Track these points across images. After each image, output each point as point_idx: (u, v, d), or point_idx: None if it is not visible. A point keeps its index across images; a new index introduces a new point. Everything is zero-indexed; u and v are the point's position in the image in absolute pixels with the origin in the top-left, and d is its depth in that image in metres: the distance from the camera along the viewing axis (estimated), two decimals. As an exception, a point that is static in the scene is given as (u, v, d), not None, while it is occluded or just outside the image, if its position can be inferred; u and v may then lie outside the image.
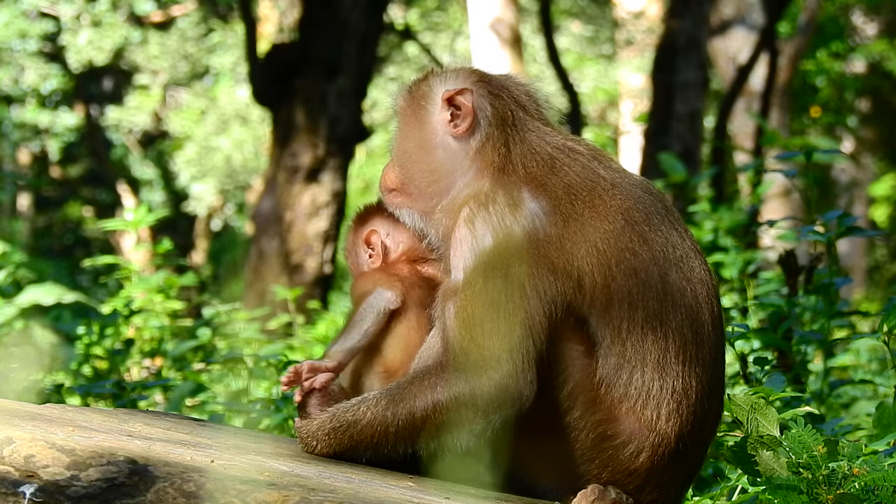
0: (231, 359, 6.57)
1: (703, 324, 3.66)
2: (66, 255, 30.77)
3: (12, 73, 28.35)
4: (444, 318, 3.61)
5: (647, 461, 3.61)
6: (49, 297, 10.86)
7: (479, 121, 3.79)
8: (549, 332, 3.56)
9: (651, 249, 3.65)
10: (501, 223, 3.61)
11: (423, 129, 3.84)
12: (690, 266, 3.69)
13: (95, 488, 3.02)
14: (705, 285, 3.70)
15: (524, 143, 3.76)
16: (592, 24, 28.27)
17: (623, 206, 3.67)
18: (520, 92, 3.87)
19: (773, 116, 18.88)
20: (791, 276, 5.92)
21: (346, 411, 3.68)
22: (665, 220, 3.71)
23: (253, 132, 28.45)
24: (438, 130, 3.82)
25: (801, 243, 11.82)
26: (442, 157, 3.81)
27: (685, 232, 3.74)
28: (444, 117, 3.81)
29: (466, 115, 3.79)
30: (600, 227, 3.63)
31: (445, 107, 3.81)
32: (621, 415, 3.60)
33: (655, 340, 3.60)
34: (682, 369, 3.61)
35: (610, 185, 3.69)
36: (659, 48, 15.87)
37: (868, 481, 3.43)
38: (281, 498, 3.02)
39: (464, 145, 3.79)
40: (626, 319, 3.59)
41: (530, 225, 3.61)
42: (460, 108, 3.79)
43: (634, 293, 3.60)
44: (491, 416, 3.53)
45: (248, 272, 13.54)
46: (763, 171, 10.14)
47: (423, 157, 3.83)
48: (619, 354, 3.59)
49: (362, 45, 13.56)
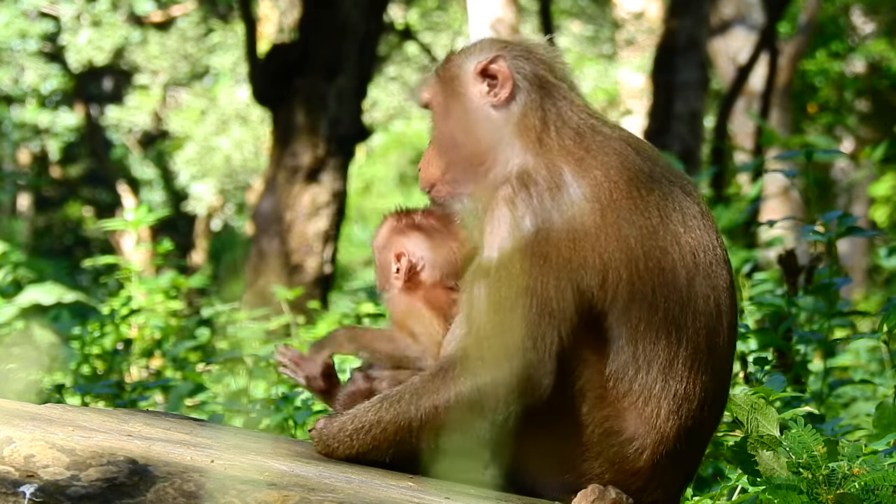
0: (231, 359, 6.57)
1: (719, 334, 3.62)
2: (66, 255, 30.76)
3: (12, 73, 28.36)
4: (472, 298, 3.54)
5: (650, 459, 3.60)
6: (49, 297, 10.86)
7: (517, 85, 3.69)
8: (574, 324, 3.50)
9: (682, 251, 3.59)
10: (542, 207, 3.52)
11: (461, 109, 3.73)
12: (717, 273, 3.63)
13: (95, 488, 3.02)
14: (728, 295, 3.65)
15: (559, 110, 3.67)
16: (592, 24, 28.27)
17: (660, 203, 3.59)
18: (546, 55, 3.77)
19: (773, 116, 18.88)
20: (791, 276, 5.92)
21: (367, 411, 3.61)
22: (701, 223, 3.64)
23: (253, 132, 28.46)
24: (477, 105, 3.71)
25: (800, 243, 11.82)
26: (485, 132, 3.69)
27: (717, 238, 3.67)
28: (480, 90, 3.71)
29: (505, 81, 3.69)
30: (636, 221, 3.56)
31: (480, 79, 3.71)
32: (625, 410, 3.58)
33: (668, 345, 3.55)
34: (689, 375, 3.57)
35: (648, 177, 3.61)
36: (659, 48, 15.88)
37: (868, 481, 3.43)
38: (281, 498, 3.02)
39: (505, 113, 3.68)
40: (643, 320, 3.54)
41: (570, 213, 3.53)
42: (496, 76, 3.69)
43: (658, 294, 3.55)
44: (511, 405, 3.49)
45: (248, 272, 13.54)
46: (763, 170, 10.15)
47: (467, 137, 3.72)
48: (630, 353, 3.55)
49: (362, 45, 13.56)
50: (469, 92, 3.73)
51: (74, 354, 7.95)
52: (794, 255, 5.98)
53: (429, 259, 3.91)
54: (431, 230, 3.93)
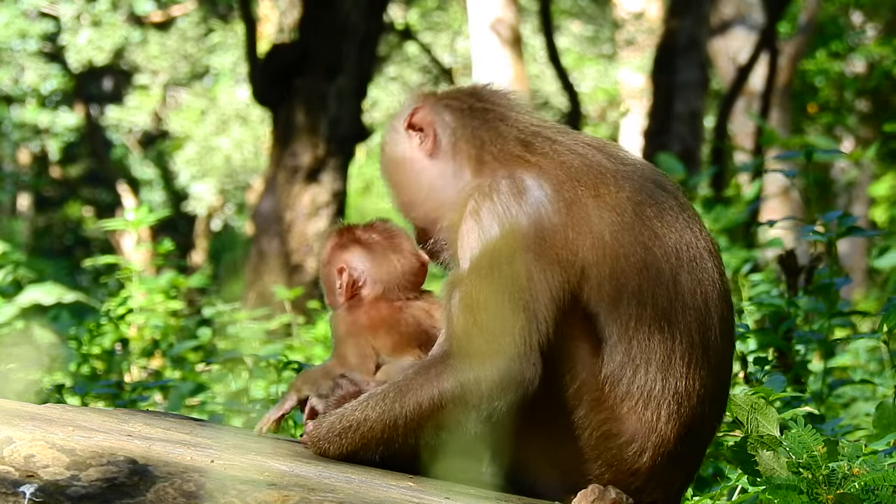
0: (231, 359, 6.57)
1: (710, 327, 3.63)
2: (66, 255, 30.78)
3: (12, 73, 28.37)
4: (450, 307, 3.59)
5: (650, 461, 3.60)
6: (49, 297, 10.86)
7: (441, 128, 3.77)
8: (555, 319, 3.53)
9: (663, 246, 3.60)
10: (507, 212, 3.58)
11: (404, 168, 3.82)
12: (703, 267, 3.64)
13: (95, 488, 3.02)
14: (717, 288, 3.66)
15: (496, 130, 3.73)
16: (592, 24, 28.27)
17: (633, 199, 3.62)
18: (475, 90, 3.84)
19: (773, 116, 18.88)
20: (791, 276, 5.92)
21: (354, 410, 3.67)
22: (679, 218, 3.66)
23: (253, 132, 28.47)
24: (417, 160, 3.79)
25: (800, 243, 11.83)
26: (433, 182, 3.77)
27: (700, 231, 3.69)
28: (414, 144, 3.79)
29: (428, 128, 3.77)
30: (607, 217, 3.59)
31: (410, 134, 3.80)
32: (623, 413, 3.58)
33: (662, 340, 3.56)
34: (687, 371, 3.59)
35: (616, 176, 3.64)
36: (659, 48, 15.89)
37: (868, 481, 3.43)
38: (281, 498, 3.02)
39: (443, 158, 3.77)
40: (634, 316, 3.56)
41: (535, 213, 3.57)
42: (422, 127, 3.78)
43: (644, 290, 3.56)
44: (496, 401, 3.50)
45: (248, 272, 13.55)
46: (763, 170, 10.15)
47: (421, 193, 3.80)
48: (624, 352, 3.57)
49: (362, 45, 13.57)
50: (406, 150, 3.81)
51: (73, 355, 7.95)
52: (794, 255, 5.98)
53: (370, 273, 3.95)
54: (373, 244, 3.98)
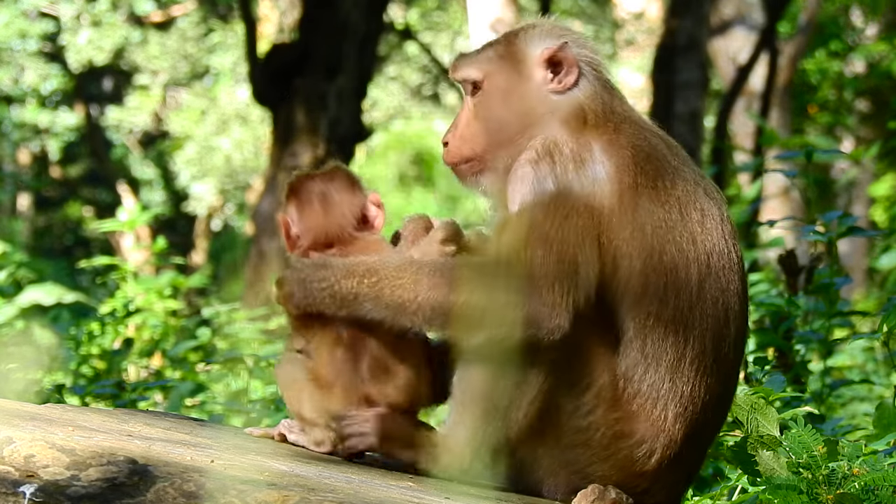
0: (231, 359, 6.57)
1: (725, 337, 3.63)
2: (66, 255, 30.76)
3: (12, 73, 28.37)
4: (497, 243, 3.57)
5: (657, 463, 3.59)
6: (49, 297, 10.87)
7: (582, 73, 3.75)
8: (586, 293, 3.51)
9: (697, 251, 3.60)
10: (564, 176, 3.58)
11: (520, 92, 3.77)
12: (730, 279, 3.64)
13: (95, 488, 3.02)
14: (739, 301, 3.66)
15: (610, 99, 3.74)
16: (592, 24, 28.28)
17: (683, 200, 3.62)
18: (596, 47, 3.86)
19: (773, 116, 18.88)
20: (791, 276, 5.92)
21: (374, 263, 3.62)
22: (719, 227, 3.66)
23: (253, 132, 28.47)
24: (538, 89, 3.75)
25: (800, 243, 11.83)
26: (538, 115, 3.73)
27: (734, 245, 3.69)
28: (544, 76, 3.76)
29: (571, 69, 3.74)
30: (654, 211, 3.58)
31: (544, 66, 3.76)
32: (633, 413, 3.58)
33: (676, 343, 3.56)
34: (695, 377, 3.58)
35: (675, 173, 3.65)
36: (659, 48, 15.88)
37: (868, 481, 3.43)
38: (281, 498, 3.02)
39: (563, 99, 3.73)
40: (653, 315, 3.55)
41: (589, 188, 3.57)
42: (562, 63, 3.74)
43: (669, 290, 3.56)
44: (511, 330, 3.48)
45: (248, 272, 13.55)
46: (763, 170, 10.15)
47: (519, 119, 3.75)
48: (638, 349, 3.56)
49: (362, 45, 13.57)
50: (532, 76, 3.77)
51: (73, 354, 7.95)
52: (795, 255, 5.98)
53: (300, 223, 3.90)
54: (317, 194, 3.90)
